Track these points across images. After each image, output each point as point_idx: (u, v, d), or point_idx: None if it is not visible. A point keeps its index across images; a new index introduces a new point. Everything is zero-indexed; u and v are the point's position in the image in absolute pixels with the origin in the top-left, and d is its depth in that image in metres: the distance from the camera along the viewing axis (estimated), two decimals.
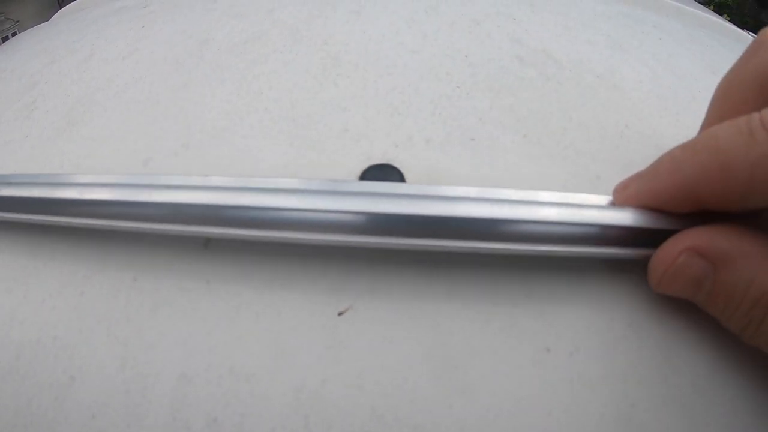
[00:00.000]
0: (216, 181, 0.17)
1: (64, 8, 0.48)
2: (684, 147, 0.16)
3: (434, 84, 0.23)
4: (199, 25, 0.29)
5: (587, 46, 0.27)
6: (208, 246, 0.18)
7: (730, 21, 0.54)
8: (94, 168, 0.22)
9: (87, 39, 0.32)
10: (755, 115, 0.15)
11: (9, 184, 0.20)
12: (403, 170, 0.20)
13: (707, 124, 0.19)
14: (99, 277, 0.19)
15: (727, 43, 0.34)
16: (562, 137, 0.21)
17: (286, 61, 0.25)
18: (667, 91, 0.25)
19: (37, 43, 0.35)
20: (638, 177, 0.18)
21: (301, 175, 0.20)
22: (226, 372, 0.16)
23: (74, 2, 0.47)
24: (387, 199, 0.16)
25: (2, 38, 1.74)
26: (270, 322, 0.17)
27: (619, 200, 0.18)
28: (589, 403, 0.16)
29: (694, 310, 0.17)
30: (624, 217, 0.16)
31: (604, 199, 0.17)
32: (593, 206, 0.17)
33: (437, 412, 0.15)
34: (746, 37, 0.42)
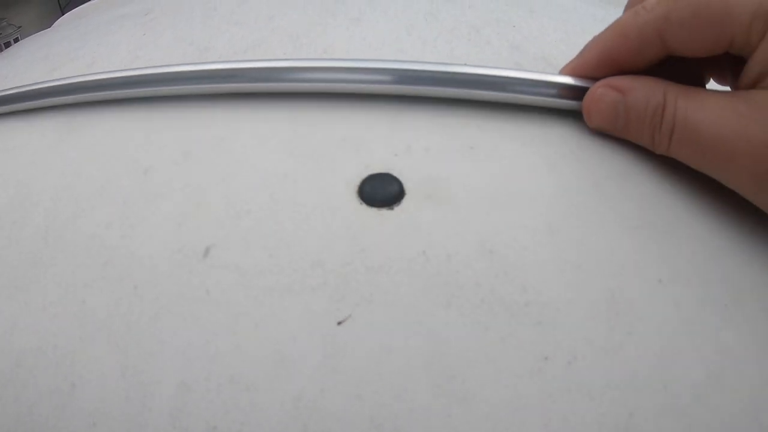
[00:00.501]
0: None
1: (66, 15, 0.48)
2: (598, 34, 0.22)
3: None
4: (200, 33, 0.29)
5: None
6: (207, 255, 0.19)
7: None
8: (93, 177, 0.22)
9: (89, 46, 0.32)
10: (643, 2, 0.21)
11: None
12: (402, 179, 0.20)
13: None
14: (100, 285, 0.19)
15: None
16: (560, 146, 0.22)
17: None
18: None
19: (39, 50, 0.35)
20: (574, 58, 0.23)
21: (300, 185, 0.20)
22: (226, 381, 0.16)
23: (76, 9, 0.47)
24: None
25: (4, 43, 1.75)
26: (269, 332, 0.17)
27: (564, 72, 0.23)
28: (587, 411, 0.16)
29: (696, 321, 0.17)
30: (570, 80, 0.23)
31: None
32: (553, 76, 0.23)
33: (436, 422, 0.15)
34: None
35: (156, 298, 0.18)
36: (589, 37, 0.29)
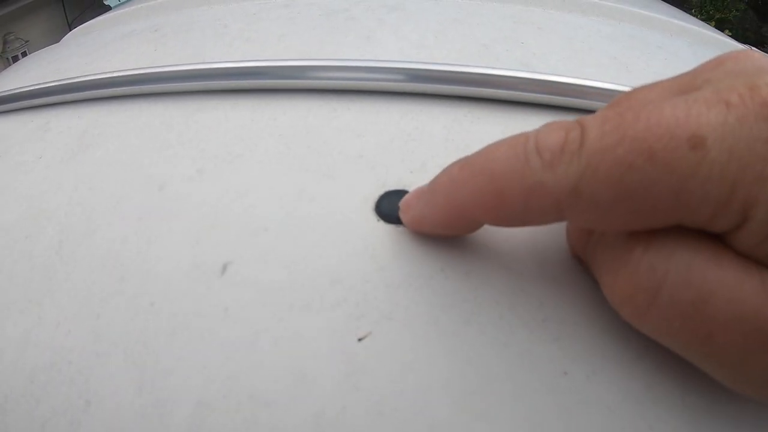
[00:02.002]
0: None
1: (74, 30, 0.48)
2: (462, 166, 0.17)
3: (446, 109, 0.24)
4: (211, 50, 0.30)
5: (594, 69, 0.28)
6: (225, 272, 0.19)
7: (731, 36, 0.55)
8: (107, 192, 0.22)
9: (99, 61, 0.32)
10: (531, 137, 0.15)
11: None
12: None
13: None
14: (115, 301, 0.19)
15: None
16: None
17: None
18: None
19: (49, 64, 0.35)
20: (418, 197, 0.18)
21: (317, 202, 0.20)
22: (246, 398, 0.16)
23: (84, 24, 0.48)
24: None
25: (12, 57, 1.76)
26: (289, 349, 0.17)
27: (406, 222, 0.19)
28: (607, 425, 0.16)
29: None
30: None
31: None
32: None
33: None
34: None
35: (173, 314, 0.18)
36: (596, 55, 0.29)
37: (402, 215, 0.19)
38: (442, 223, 0.18)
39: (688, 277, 0.14)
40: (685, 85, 0.15)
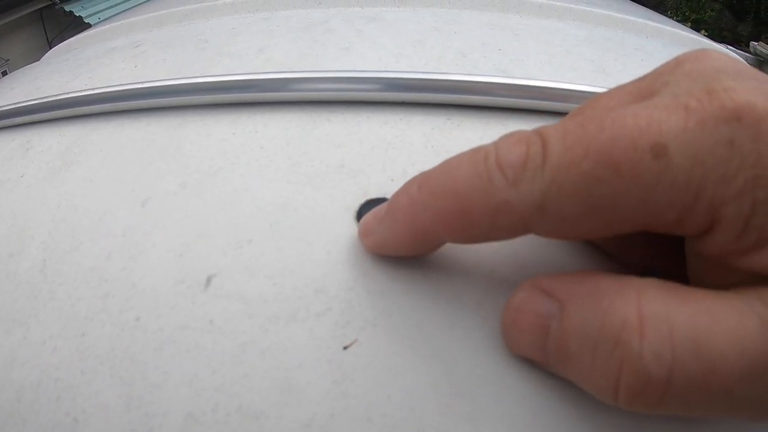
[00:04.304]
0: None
1: (55, 48, 0.48)
2: (420, 185, 0.16)
3: (425, 117, 0.24)
4: (192, 64, 0.30)
5: (572, 73, 0.28)
6: (209, 285, 0.19)
7: (708, 36, 0.56)
8: (91, 209, 0.22)
9: (80, 79, 0.32)
10: (491, 153, 0.15)
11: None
12: None
13: None
14: (101, 318, 0.19)
15: None
16: None
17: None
18: None
19: (30, 83, 0.35)
20: (379, 220, 0.18)
21: (300, 213, 0.20)
22: (234, 410, 0.16)
23: (65, 42, 0.47)
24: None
25: None
26: (276, 359, 0.17)
27: (367, 247, 0.18)
28: (596, 424, 0.16)
29: None
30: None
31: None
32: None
33: None
34: (725, 52, 0.44)
35: (159, 329, 0.18)
36: (573, 59, 0.30)
37: (362, 240, 0.19)
38: (405, 246, 0.17)
39: (697, 350, 0.13)
40: (644, 89, 0.16)
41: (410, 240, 0.17)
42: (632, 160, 0.13)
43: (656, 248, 0.17)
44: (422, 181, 0.16)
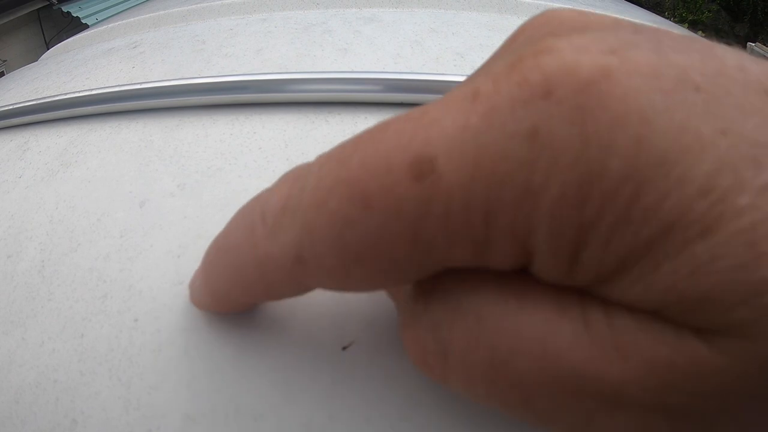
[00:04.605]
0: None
1: (52, 48, 0.48)
2: (215, 242, 0.15)
3: None
4: (190, 65, 0.30)
5: None
6: None
7: (705, 37, 0.56)
8: (89, 210, 0.22)
9: (78, 79, 0.32)
10: (263, 198, 0.13)
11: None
12: None
13: None
14: (99, 319, 0.19)
15: None
16: None
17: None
18: None
19: (28, 83, 0.35)
20: (196, 276, 0.17)
21: None
22: (233, 411, 0.16)
23: (63, 43, 0.47)
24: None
25: None
26: (274, 360, 0.17)
27: (194, 304, 0.17)
28: None
29: None
30: None
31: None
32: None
33: None
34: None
35: (158, 330, 0.18)
36: None
37: (189, 293, 0.18)
38: (215, 307, 0.16)
39: (478, 333, 0.10)
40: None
41: (213, 302, 0.16)
42: (384, 187, 0.10)
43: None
44: (217, 236, 0.15)
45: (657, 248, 0.08)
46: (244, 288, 0.13)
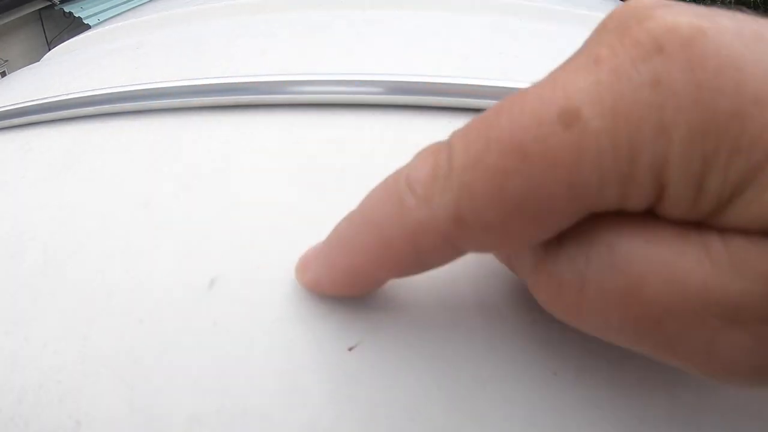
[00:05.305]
0: None
1: (54, 49, 0.48)
2: (348, 220, 0.15)
3: (427, 120, 0.24)
4: (193, 66, 0.30)
5: None
6: (213, 286, 0.19)
7: None
8: (92, 210, 0.22)
9: (80, 80, 0.32)
10: (403, 173, 0.14)
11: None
12: None
13: None
14: (103, 320, 0.19)
15: None
16: None
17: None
18: None
19: (29, 84, 0.35)
20: (315, 256, 0.17)
21: (303, 216, 0.20)
22: (239, 412, 0.16)
23: (64, 43, 0.47)
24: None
25: None
26: (280, 361, 0.17)
27: (302, 285, 0.17)
28: (598, 422, 0.16)
29: None
30: None
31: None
32: None
33: None
34: None
35: (163, 331, 0.18)
36: None
37: (298, 276, 0.17)
38: (340, 286, 0.16)
39: (612, 262, 0.12)
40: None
41: (344, 279, 0.16)
42: (538, 137, 0.11)
43: None
44: (350, 214, 0.15)
45: (763, 172, 0.10)
46: (392, 261, 0.14)
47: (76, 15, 3.59)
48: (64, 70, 0.36)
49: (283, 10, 0.37)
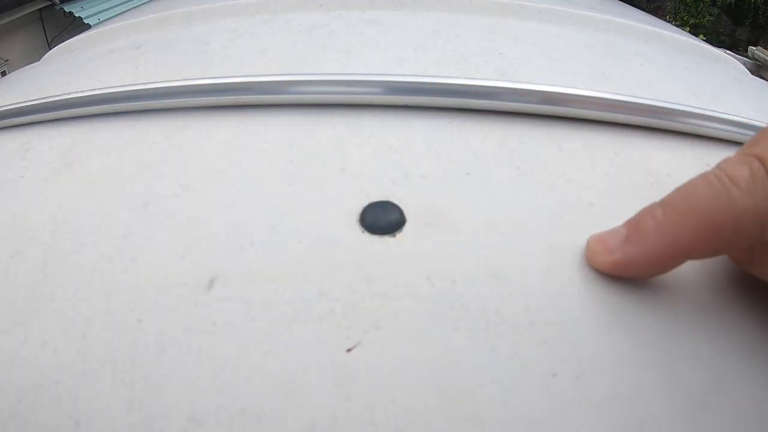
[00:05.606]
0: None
1: (54, 48, 0.48)
2: (665, 208, 0.18)
3: (427, 120, 0.24)
4: (193, 67, 0.30)
5: (572, 77, 0.28)
6: (212, 287, 0.19)
7: (706, 41, 0.56)
8: (92, 210, 0.22)
9: (81, 80, 0.32)
10: (720, 174, 0.17)
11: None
12: (402, 206, 0.20)
13: None
14: (102, 320, 0.19)
15: (705, 64, 0.36)
16: (554, 168, 0.22)
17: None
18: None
19: (30, 83, 0.35)
20: (621, 240, 0.19)
21: (302, 216, 0.20)
22: (237, 413, 0.16)
23: (65, 43, 0.47)
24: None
25: None
26: (279, 362, 0.17)
27: (607, 264, 0.19)
28: (597, 424, 0.16)
29: (697, 329, 0.18)
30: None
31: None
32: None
33: None
34: (723, 57, 0.44)
35: (161, 331, 0.18)
36: (573, 63, 0.30)
37: (599, 257, 0.19)
38: (653, 265, 0.18)
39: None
40: None
41: (662, 258, 0.18)
42: None
43: None
44: (665, 205, 0.18)
45: None
46: (714, 241, 0.17)
47: (77, 15, 3.59)
48: (64, 70, 0.36)
49: (283, 11, 0.37)
